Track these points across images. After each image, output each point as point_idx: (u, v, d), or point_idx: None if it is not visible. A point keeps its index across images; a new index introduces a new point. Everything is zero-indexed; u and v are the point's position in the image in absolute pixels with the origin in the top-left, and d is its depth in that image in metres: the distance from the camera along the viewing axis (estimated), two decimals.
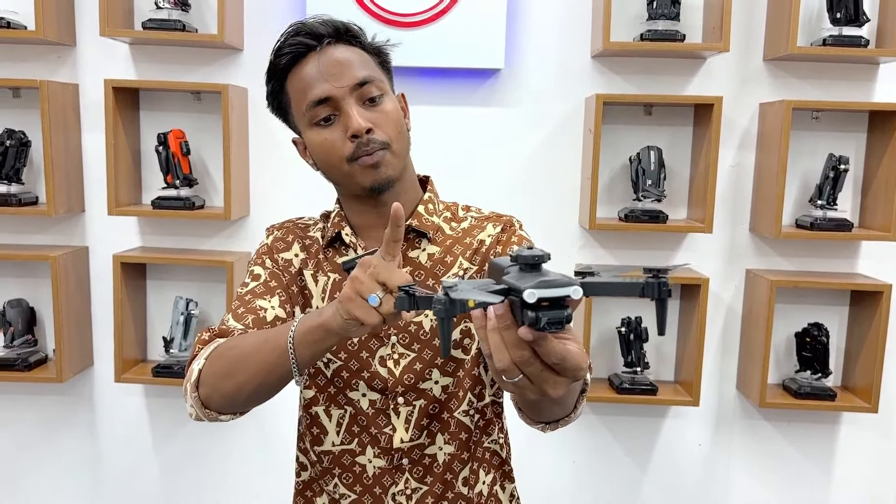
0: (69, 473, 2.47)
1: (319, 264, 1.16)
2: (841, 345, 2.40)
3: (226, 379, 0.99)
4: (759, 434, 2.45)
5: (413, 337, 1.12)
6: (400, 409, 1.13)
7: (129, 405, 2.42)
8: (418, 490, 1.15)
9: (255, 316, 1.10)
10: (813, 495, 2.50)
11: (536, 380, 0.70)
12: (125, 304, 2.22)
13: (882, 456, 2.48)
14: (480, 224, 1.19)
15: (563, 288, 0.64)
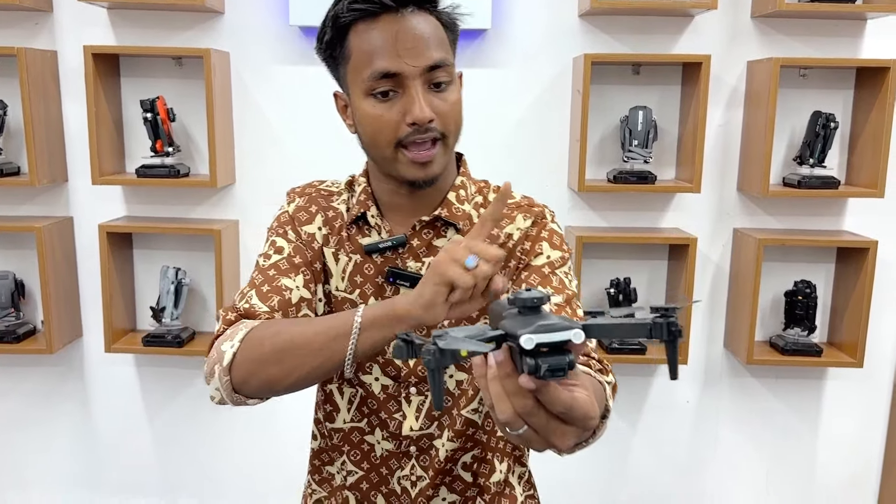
0: (62, 444, 2.51)
1: (341, 242, 1.12)
2: (827, 302, 2.45)
3: (270, 365, 0.95)
4: (746, 390, 2.52)
5: (430, 327, 1.09)
6: (412, 399, 1.13)
7: (120, 375, 2.45)
8: (423, 479, 1.16)
9: (280, 297, 1.06)
10: (800, 450, 2.58)
11: (542, 431, 0.65)
12: (112, 274, 2.24)
13: (867, 410, 2.56)
14: (510, 214, 1.13)
15: (562, 332, 0.59)
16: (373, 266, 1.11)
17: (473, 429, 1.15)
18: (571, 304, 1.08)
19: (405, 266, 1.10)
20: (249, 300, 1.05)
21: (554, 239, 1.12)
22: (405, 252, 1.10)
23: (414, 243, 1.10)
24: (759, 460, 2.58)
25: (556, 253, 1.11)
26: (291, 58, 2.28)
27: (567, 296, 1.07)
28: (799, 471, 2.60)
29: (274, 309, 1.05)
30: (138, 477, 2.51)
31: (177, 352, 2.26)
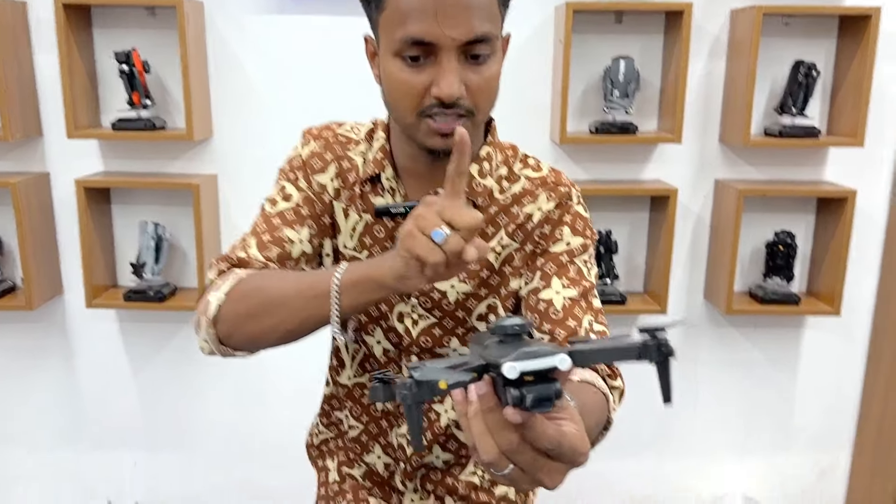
0: (45, 400, 2.52)
1: (353, 199, 1.08)
2: (806, 252, 2.48)
3: (252, 321, 0.93)
4: (725, 340, 2.56)
5: (436, 304, 1.08)
6: (412, 359, 1.12)
7: (102, 331, 2.46)
8: None
9: (280, 249, 1.03)
10: (778, 398, 2.63)
11: (529, 469, 0.60)
12: (91, 230, 2.23)
13: (845, 358, 2.61)
14: (533, 191, 1.07)
15: (547, 358, 0.55)
16: (383, 229, 1.07)
17: None
18: (587, 297, 1.04)
19: None
20: (247, 249, 1.03)
21: (577, 224, 1.06)
22: None
23: None
24: (737, 409, 2.63)
25: (578, 240, 1.06)
26: (268, 6, 2.24)
27: (583, 289, 1.03)
28: (777, 419, 2.66)
29: (271, 260, 1.02)
30: (122, 431, 2.53)
31: (158, 307, 2.27)
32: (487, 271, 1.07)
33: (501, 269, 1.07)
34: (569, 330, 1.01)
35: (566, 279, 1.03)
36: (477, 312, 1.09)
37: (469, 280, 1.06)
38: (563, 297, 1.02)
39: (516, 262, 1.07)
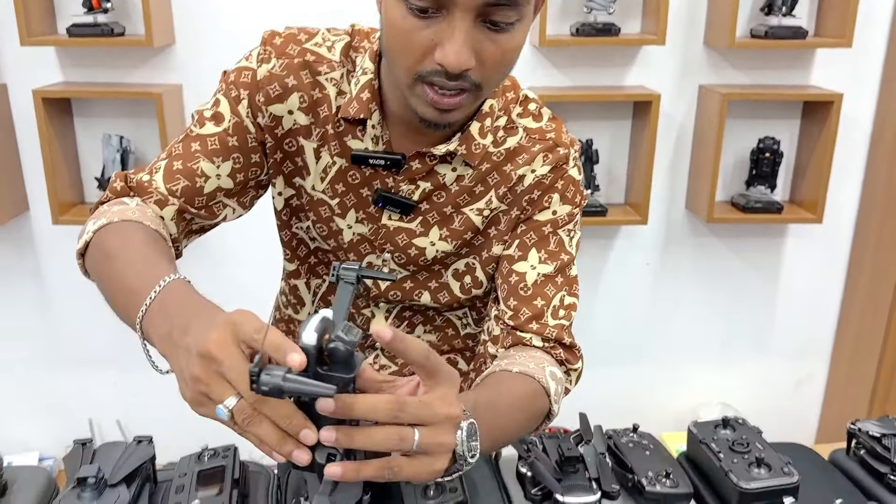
0: (20, 321, 2.49)
1: (326, 139, 0.96)
2: (790, 160, 2.45)
3: (99, 282, 0.86)
4: (706, 250, 2.55)
5: (411, 259, 1.02)
6: (381, 306, 1.09)
7: (71, 248, 2.39)
8: (388, 367, 1.13)
9: (188, 183, 0.93)
10: (758, 308, 2.65)
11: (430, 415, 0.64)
12: (53, 144, 2.15)
13: (825, 266, 2.61)
14: (529, 148, 0.98)
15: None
16: (359, 176, 0.97)
17: (453, 331, 1.12)
18: (565, 271, 1.00)
19: (397, 188, 0.97)
20: (153, 173, 0.94)
21: (568, 190, 0.99)
22: (400, 173, 0.96)
23: (413, 165, 0.95)
24: (717, 319, 2.65)
25: (566, 208, 1.00)
26: None
27: (560, 263, 0.99)
28: (756, 329, 2.68)
29: (174, 194, 0.93)
30: (99, 351, 2.51)
31: None
32: (472, 233, 1.01)
33: (486, 230, 1.01)
34: (534, 310, 0.97)
35: (545, 252, 0.99)
36: (453, 268, 1.04)
37: (451, 240, 1.00)
38: (537, 273, 0.98)
39: (502, 226, 1.01)
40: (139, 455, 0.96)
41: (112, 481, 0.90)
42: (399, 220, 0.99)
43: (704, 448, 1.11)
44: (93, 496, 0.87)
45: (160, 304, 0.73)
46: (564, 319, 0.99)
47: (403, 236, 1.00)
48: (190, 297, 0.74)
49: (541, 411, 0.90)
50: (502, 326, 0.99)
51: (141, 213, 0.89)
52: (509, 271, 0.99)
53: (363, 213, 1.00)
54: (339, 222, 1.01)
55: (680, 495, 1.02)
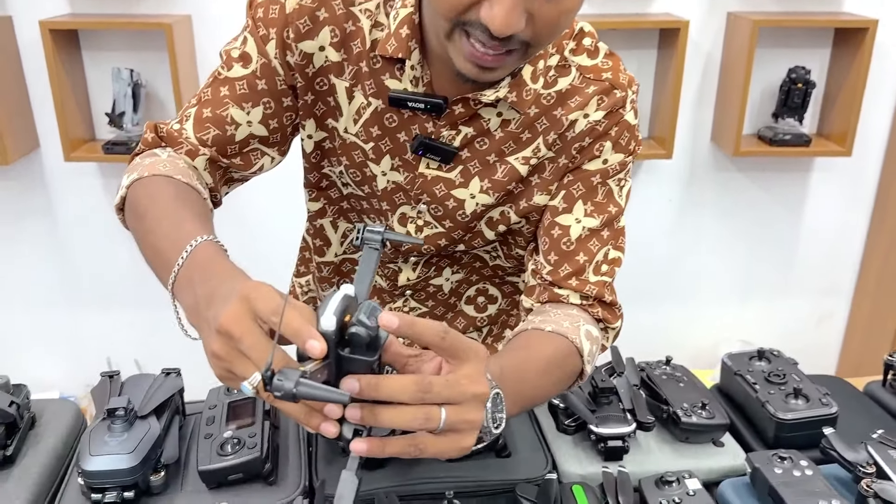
0: (34, 261, 2.48)
1: (359, 77, 0.89)
2: (819, 91, 2.38)
3: (137, 237, 0.83)
4: (731, 185, 2.50)
5: (448, 213, 0.95)
6: (410, 259, 1.04)
7: (83, 186, 2.38)
8: (417, 310, 1.10)
9: (218, 132, 0.89)
10: (781, 245, 2.61)
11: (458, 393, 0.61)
12: (62, 78, 2.10)
13: (852, 201, 2.57)
14: (583, 90, 0.89)
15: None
16: (397, 119, 0.91)
17: (481, 263, 1.08)
18: (612, 224, 0.94)
19: (437, 134, 0.90)
20: (183, 122, 0.91)
21: (622, 137, 0.92)
22: (441, 117, 0.89)
23: (455, 110, 0.88)
24: (740, 256, 2.61)
25: (618, 157, 0.92)
26: None
27: (608, 216, 0.93)
28: (779, 266, 2.65)
29: (205, 143, 0.90)
30: (115, 290, 2.51)
31: None
32: (515, 183, 0.94)
33: (528, 178, 0.94)
34: (575, 266, 0.93)
35: (591, 204, 0.92)
36: (488, 216, 0.97)
37: (493, 192, 0.93)
38: (582, 228, 0.92)
39: (546, 174, 0.94)
40: (168, 387, 0.95)
41: (142, 413, 0.89)
42: (437, 168, 0.93)
43: (739, 380, 1.09)
44: (123, 428, 0.86)
45: (187, 272, 0.70)
46: (607, 276, 0.95)
47: (441, 187, 0.94)
48: (214, 262, 0.70)
49: (572, 372, 0.87)
50: (539, 281, 0.95)
51: (172, 165, 0.86)
52: (552, 224, 0.94)
53: (399, 160, 0.93)
54: (373, 168, 0.95)
55: (716, 426, 1.01)
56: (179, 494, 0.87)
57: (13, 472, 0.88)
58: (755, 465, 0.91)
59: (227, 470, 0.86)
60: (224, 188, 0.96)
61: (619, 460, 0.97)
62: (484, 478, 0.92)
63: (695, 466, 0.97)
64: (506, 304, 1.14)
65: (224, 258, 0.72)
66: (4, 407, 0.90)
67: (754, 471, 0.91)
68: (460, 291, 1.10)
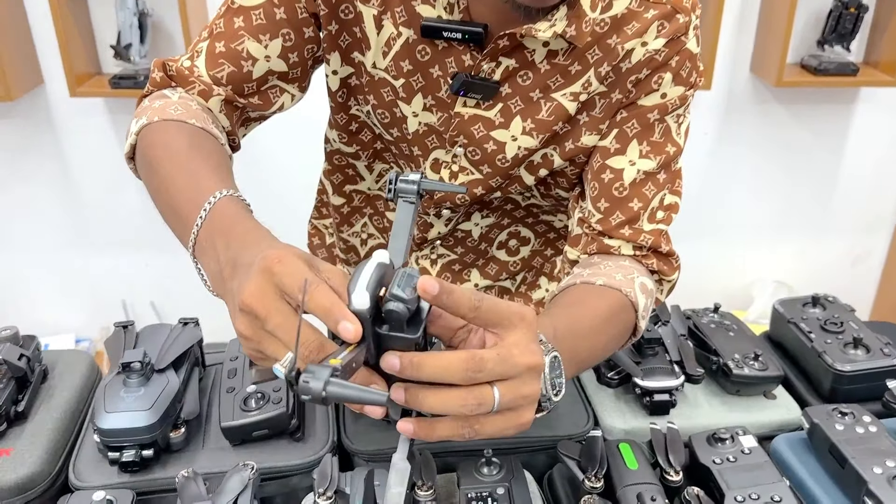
0: (44, 202, 2.44)
1: (389, 3, 0.81)
2: (868, 18, 2.25)
3: (150, 190, 0.75)
4: (770, 118, 2.40)
5: (487, 157, 0.87)
6: (442, 214, 0.96)
7: (90, 122, 2.32)
8: (444, 257, 1.04)
9: (234, 69, 0.82)
10: (820, 181, 2.53)
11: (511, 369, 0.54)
12: (65, 9, 2.02)
13: (894, 137, 2.46)
14: (641, 15, 0.80)
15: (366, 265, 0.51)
16: (430, 51, 0.82)
17: (513, 205, 1.00)
18: (669, 167, 0.85)
19: (477, 68, 0.81)
20: (194, 58, 0.83)
21: (683, 68, 0.83)
22: (480, 49, 0.80)
23: (500, 43, 0.78)
24: (776, 192, 2.53)
25: (678, 90, 0.84)
26: None
27: (665, 157, 0.84)
28: (816, 203, 2.57)
29: (219, 82, 0.82)
30: (130, 229, 2.47)
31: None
32: (562, 123, 0.85)
33: (576, 116, 0.85)
34: (629, 214, 0.85)
35: (647, 144, 0.84)
36: (528, 161, 0.89)
37: (537, 133, 0.85)
38: (637, 171, 0.84)
39: (597, 111, 0.85)
40: (186, 338, 0.91)
41: (159, 366, 0.85)
42: (475, 106, 0.84)
43: (793, 328, 1.04)
44: (139, 382, 0.82)
45: (207, 234, 0.63)
46: (663, 223, 0.87)
47: (480, 127, 0.86)
48: (236, 222, 0.63)
49: (627, 329, 0.80)
50: (587, 230, 0.87)
51: (185, 108, 0.78)
52: (602, 167, 0.86)
53: (432, 99, 0.85)
54: (404, 108, 0.87)
55: (769, 378, 0.96)
56: (201, 452, 0.84)
57: (26, 429, 0.84)
58: (814, 421, 0.86)
59: (252, 426, 0.83)
60: (241, 130, 0.89)
61: (665, 415, 0.92)
62: (522, 435, 0.87)
63: (746, 421, 0.92)
64: (539, 245, 1.08)
65: (246, 216, 0.65)
66: (14, 360, 0.86)
67: (813, 426, 0.86)
68: (491, 237, 1.04)
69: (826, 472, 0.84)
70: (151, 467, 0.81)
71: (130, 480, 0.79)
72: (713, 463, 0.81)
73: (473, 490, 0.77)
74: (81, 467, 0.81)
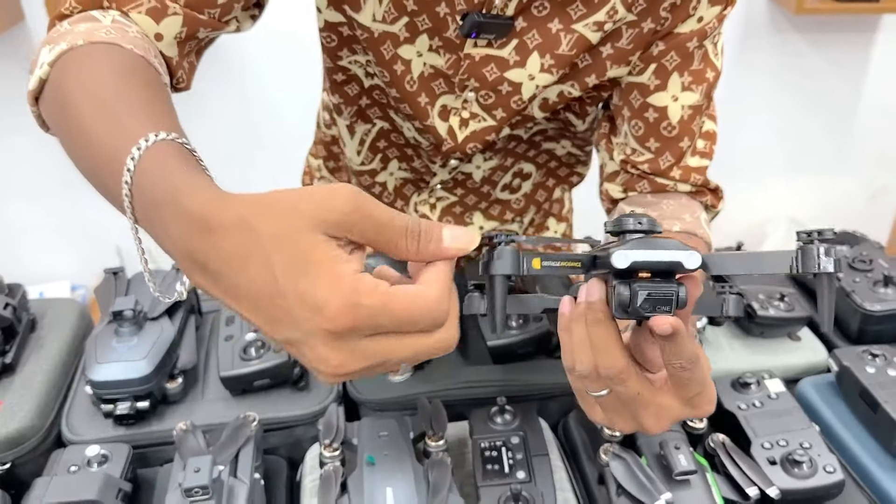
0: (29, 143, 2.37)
1: None
2: None
3: (61, 136, 0.59)
4: (788, 47, 2.32)
5: (501, 100, 0.79)
6: (449, 164, 0.90)
7: None
8: (444, 199, 0.98)
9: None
10: (838, 111, 2.47)
11: (629, 403, 0.50)
12: None
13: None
14: None
15: (671, 251, 0.44)
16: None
17: (515, 142, 0.92)
18: (711, 94, 0.79)
19: (489, 4, 0.72)
20: None
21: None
22: None
23: None
24: (792, 126, 2.47)
25: (714, 10, 0.74)
26: None
27: (707, 86, 0.77)
28: (832, 138, 2.51)
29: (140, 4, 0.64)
30: None
31: None
32: (584, 54, 0.77)
33: (599, 48, 0.77)
34: (678, 153, 0.79)
35: (689, 75, 0.76)
36: (542, 97, 0.81)
37: (557, 69, 0.77)
38: (681, 106, 0.77)
39: (623, 42, 0.76)
40: None
41: (152, 315, 0.81)
42: (487, 45, 0.76)
43: None
44: (132, 331, 0.78)
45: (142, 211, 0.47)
46: (706, 157, 0.82)
47: (493, 68, 0.77)
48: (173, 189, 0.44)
49: None
50: (634, 171, 0.82)
51: (118, 33, 0.61)
52: (644, 105, 0.79)
53: (439, 40, 0.76)
54: (405, 52, 0.78)
55: (795, 320, 0.92)
56: (200, 402, 0.81)
57: (15, 381, 0.81)
58: (843, 364, 0.83)
59: (252, 375, 0.80)
60: (186, 64, 0.72)
61: None
62: (536, 381, 0.84)
63: (770, 364, 0.89)
64: (541, 177, 1.02)
65: (182, 172, 0.46)
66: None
67: (842, 369, 0.83)
68: (494, 179, 0.98)
69: (856, 416, 0.82)
70: (148, 420, 0.78)
71: (126, 433, 0.77)
72: (738, 409, 0.78)
73: (487, 439, 0.74)
74: (74, 420, 0.79)
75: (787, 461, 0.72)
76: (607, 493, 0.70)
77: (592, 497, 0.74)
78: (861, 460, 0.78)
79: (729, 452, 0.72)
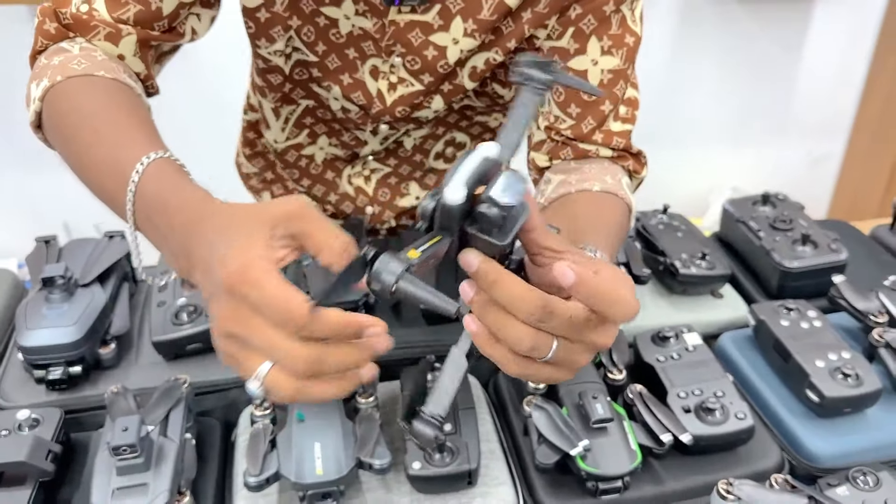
0: None
1: None
2: None
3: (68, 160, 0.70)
4: (727, 17, 2.35)
5: (427, 65, 0.81)
6: (380, 130, 0.92)
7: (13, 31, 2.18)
8: (379, 171, 1.00)
9: (140, 7, 0.72)
10: (778, 82, 2.52)
11: (575, 331, 0.49)
12: None
13: (853, 37, 2.45)
14: None
15: (468, 157, 0.47)
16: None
17: (447, 111, 0.93)
18: (632, 60, 0.80)
19: None
20: (91, 1, 0.72)
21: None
22: None
23: None
24: (733, 97, 2.51)
25: None
26: None
27: (627, 50, 0.78)
28: (774, 107, 2.57)
29: (125, 21, 0.72)
30: None
31: None
32: (506, 19, 0.79)
33: (519, 13, 0.78)
34: (599, 117, 0.80)
35: (608, 39, 0.78)
36: (470, 65, 0.83)
37: (479, 33, 0.79)
38: (601, 70, 0.79)
39: (541, 7, 0.78)
40: (113, 252, 0.87)
41: (83, 281, 0.81)
42: (411, 11, 0.78)
43: (742, 227, 1.03)
44: (63, 297, 0.79)
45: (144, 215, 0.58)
46: (629, 123, 0.83)
47: (418, 33, 0.79)
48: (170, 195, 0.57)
49: (627, 230, 0.79)
50: (557, 137, 0.83)
51: (89, 60, 0.70)
52: (564, 70, 0.80)
53: (364, 4, 0.78)
54: (331, 12, 0.79)
55: (716, 277, 0.95)
56: (134, 367, 0.82)
57: None
58: (759, 317, 0.87)
59: (184, 340, 0.80)
60: (157, 68, 0.81)
61: None
62: None
63: (693, 320, 0.92)
64: None
65: (177, 183, 0.58)
66: None
67: (759, 323, 0.87)
68: (426, 148, 1.00)
69: (770, 367, 0.86)
70: (81, 385, 0.79)
71: (59, 399, 0.77)
72: (657, 361, 0.81)
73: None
74: (7, 387, 0.79)
75: (700, 409, 0.75)
76: (530, 442, 0.73)
77: (518, 447, 0.77)
78: (774, 408, 0.81)
79: (645, 402, 0.75)
